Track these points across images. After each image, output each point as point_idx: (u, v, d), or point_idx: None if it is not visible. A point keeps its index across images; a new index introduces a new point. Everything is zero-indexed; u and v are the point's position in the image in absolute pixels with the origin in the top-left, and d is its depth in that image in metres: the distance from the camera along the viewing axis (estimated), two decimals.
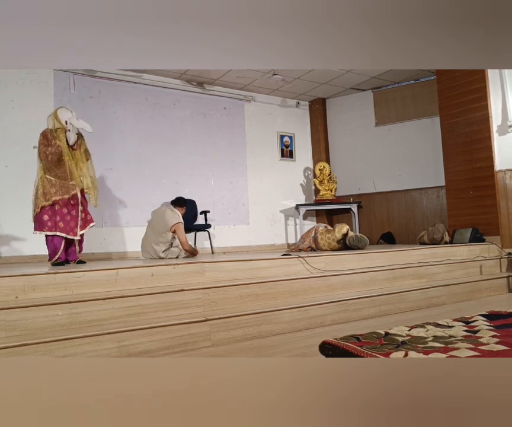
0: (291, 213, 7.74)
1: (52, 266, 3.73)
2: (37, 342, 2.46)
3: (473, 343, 2.22)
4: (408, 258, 4.69)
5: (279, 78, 6.69)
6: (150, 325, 2.77)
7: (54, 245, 3.89)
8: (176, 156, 6.67)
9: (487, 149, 5.62)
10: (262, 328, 3.14)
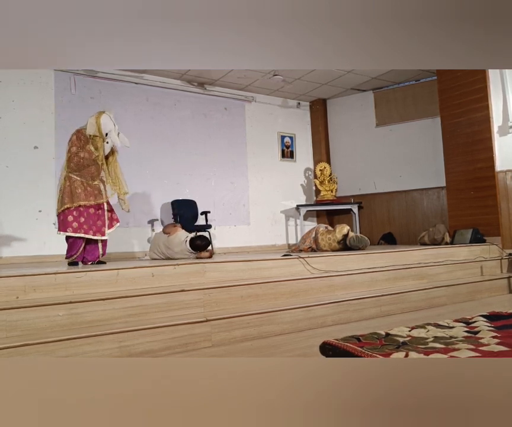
0: (291, 213, 7.74)
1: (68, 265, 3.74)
2: (37, 342, 2.46)
3: (473, 343, 2.22)
4: (408, 259, 4.69)
5: (280, 79, 6.70)
6: (151, 326, 2.77)
7: (75, 244, 3.86)
8: (176, 157, 6.68)
9: (488, 150, 5.62)
10: (263, 329, 3.14)
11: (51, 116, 5.79)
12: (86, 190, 3.84)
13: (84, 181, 3.86)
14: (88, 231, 3.84)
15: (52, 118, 5.79)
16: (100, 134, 3.88)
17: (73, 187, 3.81)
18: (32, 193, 5.55)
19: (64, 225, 3.81)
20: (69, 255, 3.88)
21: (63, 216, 3.82)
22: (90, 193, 3.86)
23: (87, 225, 3.84)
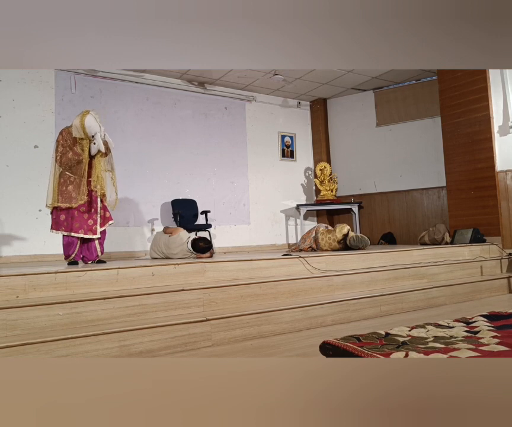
0: (292, 213, 7.74)
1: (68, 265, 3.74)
2: (37, 342, 2.46)
3: (473, 343, 2.22)
4: (408, 259, 4.69)
5: (280, 78, 6.69)
6: (151, 325, 2.77)
7: (69, 244, 3.86)
8: (177, 156, 6.68)
9: (488, 150, 5.62)
10: (262, 328, 3.14)
11: (51, 115, 5.79)
12: (78, 188, 3.83)
13: (77, 178, 3.85)
14: (77, 230, 3.83)
15: (52, 117, 5.79)
16: (86, 136, 3.85)
17: (66, 185, 3.81)
18: (32, 192, 5.55)
19: (57, 224, 3.83)
20: (67, 255, 3.89)
21: (55, 214, 3.84)
22: (83, 191, 3.84)
23: (78, 224, 3.84)
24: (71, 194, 3.81)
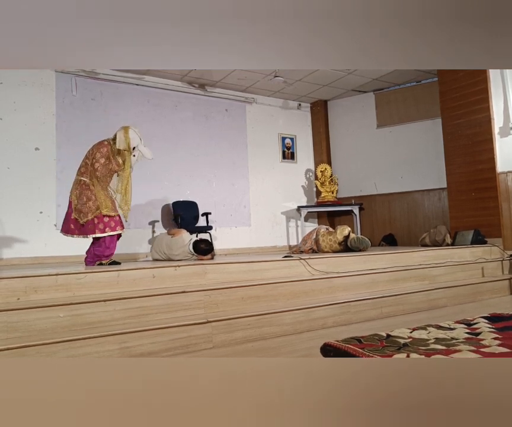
0: (292, 214, 7.74)
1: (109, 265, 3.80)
2: (38, 344, 2.46)
3: (475, 345, 2.21)
4: (409, 260, 4.68)
5: (280, 80, 6.69)
6: (152, 327, 2.77)
7: (113, 242, 3.95)
8: (177, 158, 6.68)
9: (489, 151, 5.61)
10: (263, 330, 3.14)
11: (52, 117, 5.80)
12: (111, 199, 3.99)
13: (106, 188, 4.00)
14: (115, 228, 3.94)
15: (53, 119, 5.80)
16: (128, 148, 3.99)
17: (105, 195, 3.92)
18: (33, 194, 5.55)
19: (104, 225, 3.88)
20: (109, 254, 3.94)
21: (97, 219, 3.87)
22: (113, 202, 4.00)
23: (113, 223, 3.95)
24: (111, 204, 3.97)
